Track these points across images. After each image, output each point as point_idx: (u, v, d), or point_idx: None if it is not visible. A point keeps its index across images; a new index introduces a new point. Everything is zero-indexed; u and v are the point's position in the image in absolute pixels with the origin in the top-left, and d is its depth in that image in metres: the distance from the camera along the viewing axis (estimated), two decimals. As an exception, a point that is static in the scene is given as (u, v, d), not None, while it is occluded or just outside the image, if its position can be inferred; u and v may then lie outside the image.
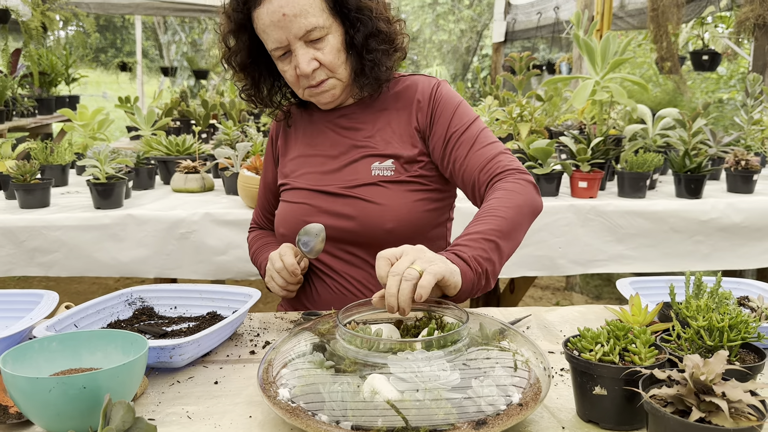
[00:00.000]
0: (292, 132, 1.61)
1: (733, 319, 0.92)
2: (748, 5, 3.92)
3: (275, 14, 1.34)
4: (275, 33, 1.36)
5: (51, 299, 1.28)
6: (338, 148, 1.52)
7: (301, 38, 1.36)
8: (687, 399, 0.77)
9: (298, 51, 1.37)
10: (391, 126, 1.50)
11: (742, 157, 2.71)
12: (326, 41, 1.38)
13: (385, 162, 1.46)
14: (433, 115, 1.48)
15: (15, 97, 5.09)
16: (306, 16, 1.34)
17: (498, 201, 1.29)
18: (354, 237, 1.46)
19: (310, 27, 1.35)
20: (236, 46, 1.46)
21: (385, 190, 1.44)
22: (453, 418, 0.81)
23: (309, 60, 1.37)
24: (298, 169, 1.55)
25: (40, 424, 0.87)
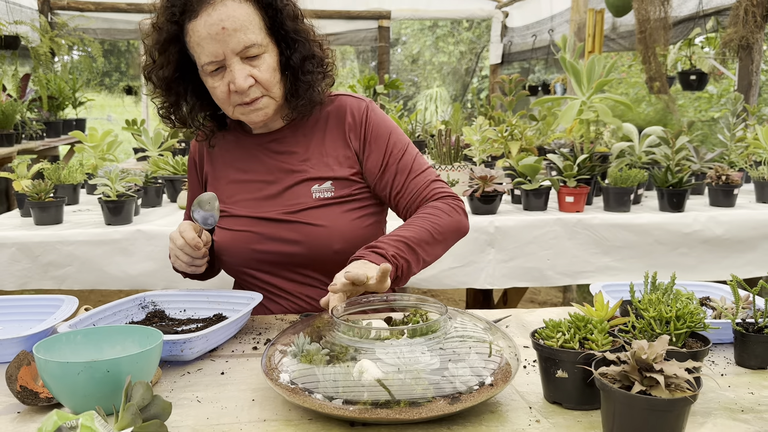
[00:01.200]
0: (219, 155, 1.59)
1: (680, 310, 1.04)
2: (732, 27, 4.08)
3: (214, 27, 1.33)
4: (212, 46, 1.34)
5: (71, 303, 1.40)
6: (274, 173, 1.52)
7: (238, 54, 1.35)
8: (631, 375, 0.89)
9: (234, 66, 1.36)
10: (325, 147, 1.52)
11: (722, 172, 2.83)
12: (263, 59, 1.38)
13: (324, 184, 1.49)
14: (366, 139, 1.52)
15: (24, 121, 5.24)
16: (245, 32, 1.34)
17: (426, 216, 1.44)
18: (303, 260, 1.49)
19: (249, 43, 1.35)
20: (163, 59, 1.42)
21: (328, 212, 1.48)
22: (430, 394, 0.93)
23: (245, 76, 1.36)
24: (234, 195, 1.54)
25: (69, 405, 0.99)
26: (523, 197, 2.74)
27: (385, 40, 7.49)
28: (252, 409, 1.03)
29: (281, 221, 1.49)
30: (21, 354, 1.12)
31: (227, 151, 1.58)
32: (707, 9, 4.57)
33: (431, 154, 3.17)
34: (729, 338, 1.28)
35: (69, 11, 6.75)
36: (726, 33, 4.15)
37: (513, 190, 2.85)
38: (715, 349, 1.29)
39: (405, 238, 1.37)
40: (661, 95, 4.58)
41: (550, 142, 3.56)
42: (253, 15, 1.37)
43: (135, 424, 0.87)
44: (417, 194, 1.51)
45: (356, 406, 0.93)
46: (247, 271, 1.56)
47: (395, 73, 13.18)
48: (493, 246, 2.58)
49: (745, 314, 1.31)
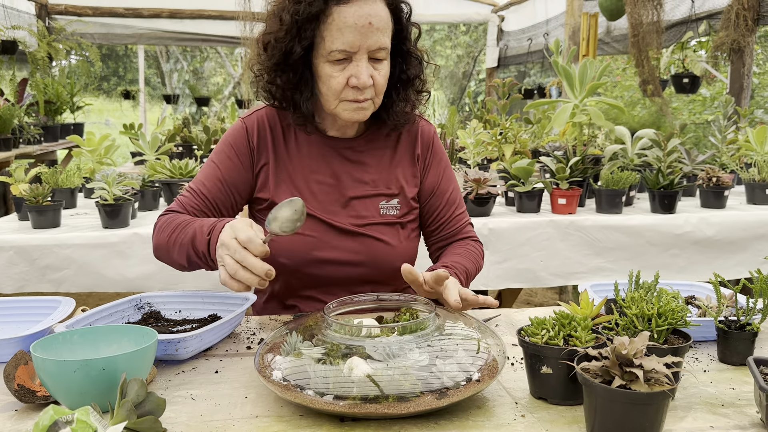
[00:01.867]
0: (287, 147, 1.52)
1: (662, 308, 1.07)
2: (724, 30, 4.12)
3: (362, 19, 1.32)
4: (352, 36, 1.33)
5: (69, 304, 1.43)
6: (344, 180, 1.51)
7: (369, 52, 1.36)
8: (612, 370, 0.92)
9: (361, 62, 1.35)
10: (395, 163, 1.55)
11: (713, 174, 2.87)
12: (383, 65, 1.40)
13: (392, 201, 1.53)
14: (428, 162, 1.60)
15: (22, 125, 5.27)
16: (385, 34, 1.36)
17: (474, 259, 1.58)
18: (361, 273, 1.50)
19: (384, 46, 1.36)
20: (295, 32, 1.36)
21: (393, 230, 1.52)
22: (418, 389, 0.96)
23: (368, 76, 1.36)
24: (302, 192, 1.50)
25: (65, 403, 1.02)
26: (517, 199, 2.77)
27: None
28: (245, 406, 1.06)
29: (348, 232, 1.49)
30: (18, 353, 1.14)
31: (298, 145, 1.53)
32: (699, 13, 4.61)
33: (426, 157, 3.20)
34: (713, 336, 1.31)
35: (66, 16, 6.79)
36: (718, 36, 4.19)
37: (506, 193, 2.88)
38: (699, 347, 1.31)
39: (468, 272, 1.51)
40: (655, 98, 4.61)
41: (545, 145, 3.60)
42: (390, 22, 1.40)
43: (129, 419, 0.89)
44: (456, 230, 1.63)
45: (346, 401, 0.95)
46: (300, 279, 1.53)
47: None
48: (487, 247, 2.60)
49: (729, 312, 1.34)
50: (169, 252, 1.41)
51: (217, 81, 14.15)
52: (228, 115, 6.28)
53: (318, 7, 1.33)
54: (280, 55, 1.39)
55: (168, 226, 1.42)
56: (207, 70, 14.10)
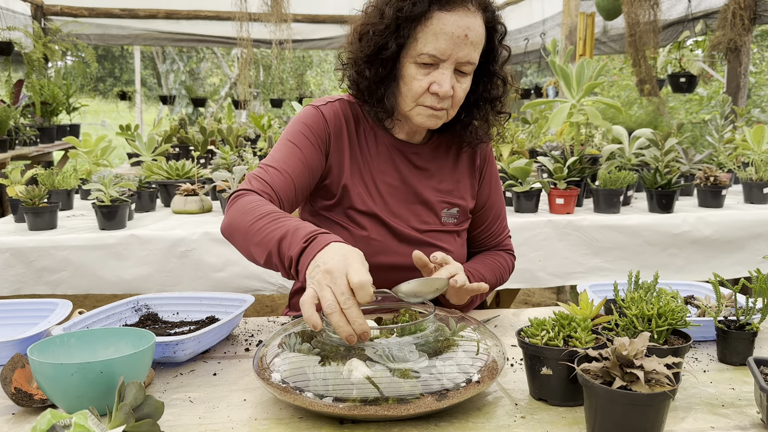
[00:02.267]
0: (354, 143, 1.50)
1: (662, 308, 1.06)
2: (721, 30, 4.12)
3: (460, 29, 1.32)
4: (445, 44, 1.33)
5: (66, 306, 1.42)
6: (410, 185, 1.51)
7: (457, 64, 1.35)
8: (612, 371, 0.91)
9: (446, 71, 1.35)
10: (458, 175, 1.56)
11: (711, 173, 2.87)
12: (467, 80, 1.39)
13: (452, 209, 1.54)
14: (484, 176, 1.61)
15: (18, 127, 5.25)
16: (476, 49, 1.36)
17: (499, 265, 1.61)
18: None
19: (472, 61, 1.36)
20: (395, 28, 1.36)
21: (450, 237, 1.53)
22: (418, 391, 0.95)
23: (450, 86, 1.35)
24: (366, 187, 1.48)
25: (62, 406, 1.01)
26: (514, 199, 2.76)
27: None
28: (244, 408, 1.05)
29: (410, 238, 1.48)
30: (15, 356, 1.14)
31: (369, 143, 1.51)
32: (696, 12, 4.62)
33: (423, 157, 3.20)
34: (712, 336, 1.31)
35: (62, 17, 6.77)
36: (714, 36, 4.20)
37: (504, 193, 2.87)
38: (699, 347, 1.31)
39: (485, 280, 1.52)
40: (652, 98, 4.62)
41: (542, 144, 3.60)
42: (483, 39, 1.38)
43: (128, 423, 0.89)
44: (496, 243, 1.68)
45: (346, 403, 0.95)
46: None
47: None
48: (485, 248, 2.60)
49: (728, 312, 1.33)
50: (247, 239, 1.24)
51: (214, 82, 14.14)
52: (224, 116, 6.27)
53: (422, 8, 1.33)
54: (375, 48, 1.38)
55: (254, 210, 1.25)
56: (203, 70, 14.08)
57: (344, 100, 1.52)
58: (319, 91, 13.29)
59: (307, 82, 12.72)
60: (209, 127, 4.85)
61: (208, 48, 11.53)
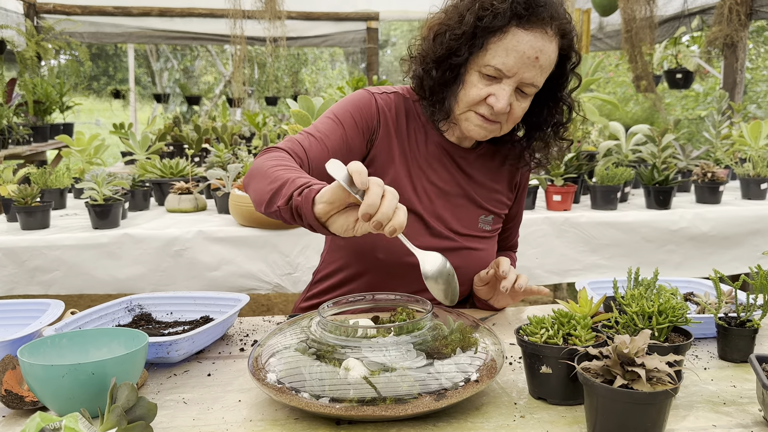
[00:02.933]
0: (404, 137, 1.50)
1: (662, 305, 1.05)
2: (717, 25, 4.11)
3: (532, 51, 1.31)
4: (513, 61, 1.31)
5: (58, 307, 1.40)
6: (451, 185, 1.52)
7: (520, 83, 1.34)
8: (613, 369, 0.90)
9: (507, 88, 1.34)
10: (498, 183, 1.58)
11: (708, 169, 2.86)
12: (526, 101, 1.39)
13: (489, 216, 1.56)
14: (519, 190, 1.65)
15: (11, 126, 5.21)
16: (543, 73, 1.35)
17: None
18: None
19: (536, 83, 1.35)
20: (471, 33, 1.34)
21: (484, 243, 1.55)
22: (416, 391, 0.94)
23: (508, 103, 1.35)
24: (412, 187, 1.49)
25: (54, 408, 0.99)
26: (511, 196, 2.75)
27: (374, 41, 7.50)
28: (238, 409, 1.04)
29: (446, 238, 1.50)
30: (6, 358, 1.12)
31: (419, 140, 1.51)
32: (692, 8, 4.60)
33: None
34: (712, 333, 1.29)
35: (55, 15, 6.71)
36: (711, 31, 4.19)
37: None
38: (699, 344, 1.30)
39: None
40: (648, 94, 4.61)
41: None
42: (553, 65, 1.37)
43: (120, 425, 0.87)
44: (512, 244, 1.77)
45: (342, 404, 0.93)
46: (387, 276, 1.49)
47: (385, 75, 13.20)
48: (482, 245, 2.59)
49: (728, 309, 1.32)
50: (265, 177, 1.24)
51: (208, 80, 14.08)
52: (219, 114, 6.24)
53: (502, 22, 1.31)
54: (446, 51, 1.37)
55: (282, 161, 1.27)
56: (197, 68, 14.02)
57: (400, 93, 1.52)
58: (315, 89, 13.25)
59: (302, 80, 12.68)
60: (204, 125, 4.82)
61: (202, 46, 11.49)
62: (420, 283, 1.31)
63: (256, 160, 1.33)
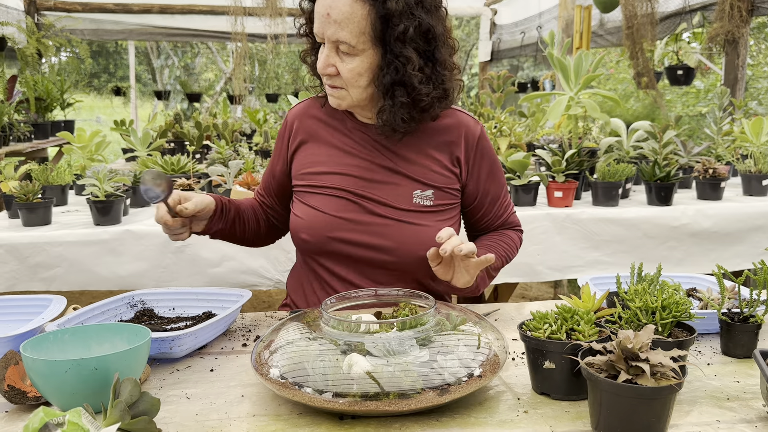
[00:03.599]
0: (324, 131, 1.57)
1: (666, 300, 1.05)
2: (718, 22, 4.10)
3: (323, 9, 1.36)
4: (317, 22, 1.38)
5: (60, 302, 1.40)
6: (377, 164, 1.52)
7: (332, 42, 1.37)
8: (617, 364, 0.90)
9: (325, 50, 1.39)
10: (432, 156, 1.53)
11: (709, 165, 2.85)
12: (352, 59, 1.38)
13: (426, 191, 1.51)
14: (475, 162, 1.56)
15: (12, 123, 5.20)
16: (343, 28, 1.34)
17: (507, 248, 1.61)
18: (385, 259, 1.49)
19: (342, 39, 1.35)
20: (307, 17, 1.48)
21: (423, 218, 1.50)
22: (419, 386, 0.94)
23: (327, 64, 1.39)
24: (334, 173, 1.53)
25: (57, 404, 0.99)
26: (512, 193, 2.74)
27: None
28: (241, 404, 1.04)
29: (376, 214, 1.49)
30: (8, 353, 1.12)
31: (334, 127, 1.57)
32: (693, 4, 4.59)
33: (420, 151, 3.17)
34: (715, 328, 1.29)
35: (56, 12, 6.71)
36: (712, 28, 4.18)
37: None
38: (702, 339, 1.30)
39: (493, 268, 1.53)
40: (649, 90, 4.60)
41: (539, 138, 3.58)
42: (359, 17, 1.34)
43: (123, 420, 0.87)
44: (502, 222, 1.67)
45: (346, 398, 0.93)
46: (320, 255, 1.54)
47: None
48: (483, 242, 2.58)
49: (731, 304, 1.32)
50: None
51: (209, 77, 14.07)
52: (220, 111, 6.24)
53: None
54: (307, 39, 1.52)
55: None
56: (198, 65, 14.02)
57: (318, 96, 1.61)
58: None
59: (302, 77, 12.67)
60: (204, 122, 4.82)
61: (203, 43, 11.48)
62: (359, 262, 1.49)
63: None
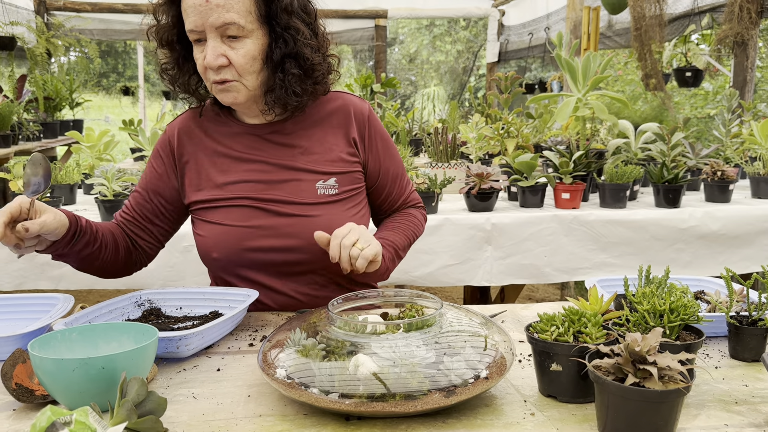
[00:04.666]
0: (209, 141, 1.52)
1: (674, 303, 1.04)
2: (727, 23, 4.09)
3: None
4: (194, 15, 1.32)
5: (68, 301, 1.40)
6: (275, 165, 1.48)
7: (217, 29, 1.32)
8: (625, 367, 0.89)
9: (210, 42, 1.33)
10: (328, 143, 1.50)
11: (718, 167, 2.84)
12: (243, 43, 1.34)
13: (329, 180, 1.48)
14: (369, 140, 1.54)
15: (21, 122, 5.23)
16: (228, 9, 1.30)
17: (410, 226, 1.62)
18: (300, 257, 1.47)
19: (229, 21, 1.31)
20: (164, 18, 1.41)
21: (331, 209, 1.47)
22: (426, 387, 0.94)
23: (217, 55, 1.33)
24: (229, 172, 1.49)
25: (64, 402, 0.99)
26: (520, 194, 2.74)
27: (382, 39, 7.49)
28: (247, 404, 1.04)
29: (283, 215, 1.46)
30: (16, 352, 1.12)
31: (222, 139, 1.51)
32: (702, 6, 4.57)
33: (428, 152, 3.18)
34: (723, 331, 1.28)
35: (65, 12, 6.74)
36: (721, 29, 4.16)
37: (509, 187, 2.85)
38: (710, 343, 1.29)
39: (397, 246, 1.53)
40: (657, 92, 4.58)
41: (547, 139, 3.57)
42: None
43: (130, 420, 0.87)
44: (402, 202, 1.68)
45: (352, 399, 0.93)
46: (236, 269, 1.52)
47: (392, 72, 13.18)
48: (490, 243, 2.58)
49: (740, 307, 1.31)
50: None
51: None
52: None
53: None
54: (157, 40, 1.44)
55: None
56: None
57: (193, 109, 1.56)
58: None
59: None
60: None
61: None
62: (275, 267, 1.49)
63: None
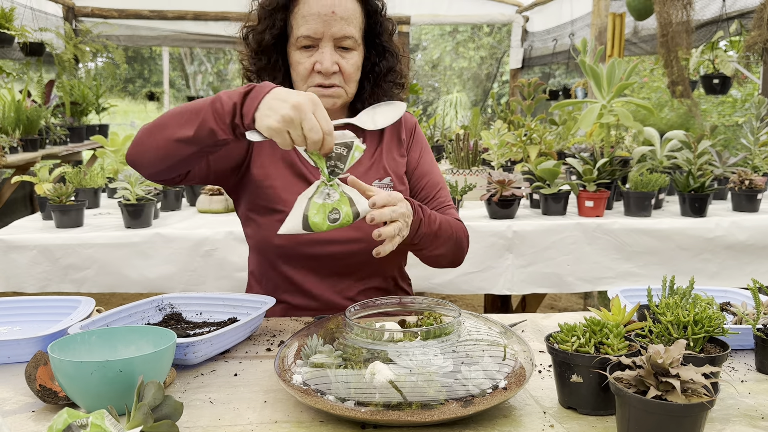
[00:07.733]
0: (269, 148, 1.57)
1: (698, 315, 1.02)
2: (756, 30, 4.02)
3: (326, 8, 1.42)
4: (315, 24, 1.42)
5: (89, 304, 1.42)
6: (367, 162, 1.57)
7: (335, 39, 1.44)
8: (647, 380, 0.87)
9: (325, 49, 1.44)
10: (385, 145, 1.61)
11: (746, 176, 2.79)
12: (352, 54, 1.47)
13: (384, 179, 1.56)
14: (410, 146, 1.66)
15: (48, 126, 5.32)
16: (350, 23, 1.44)
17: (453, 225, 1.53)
18: (354, 250, 1.50)
19: (348, 34, 1.44)
20: (268, 22, 1.48)
21: None
22: (443, 396, 0.92)
23: (333, 61, 1.44)
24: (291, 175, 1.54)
25: (82, 405, 1.00)
26: (542, 201, 2.71)
27: (405, 45, 7.51)
28: (264, 410, 1.03)
29: None
30: (38, 354, 1.13)
31: None
32: (730, 12, 4.51)
33: (449, 158, 3.16)
34: (750, 344, 1.25)
35: (93, 18, 6.85)
36: (749, 36, 4.09)
37: (531, 195, 2.83)
38: (736, 356, 1.26)
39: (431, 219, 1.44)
40: (684, 99, 4.52)
41: (570, 146, 3.54)
42: (358, 13, 1.47)
43: (146, 423, 0.87)
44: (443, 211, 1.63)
45: (368, 407, 0.92)
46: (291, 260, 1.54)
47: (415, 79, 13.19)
48: (512, 251, 2.56)
49: (767, 320, 1.28)
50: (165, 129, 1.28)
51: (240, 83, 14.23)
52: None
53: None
54: (256, 44, 1.52)
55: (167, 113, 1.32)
56: (230, 72, 14.18)
57: None
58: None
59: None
60: (235, 127, 4.85)
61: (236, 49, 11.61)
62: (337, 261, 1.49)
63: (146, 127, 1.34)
